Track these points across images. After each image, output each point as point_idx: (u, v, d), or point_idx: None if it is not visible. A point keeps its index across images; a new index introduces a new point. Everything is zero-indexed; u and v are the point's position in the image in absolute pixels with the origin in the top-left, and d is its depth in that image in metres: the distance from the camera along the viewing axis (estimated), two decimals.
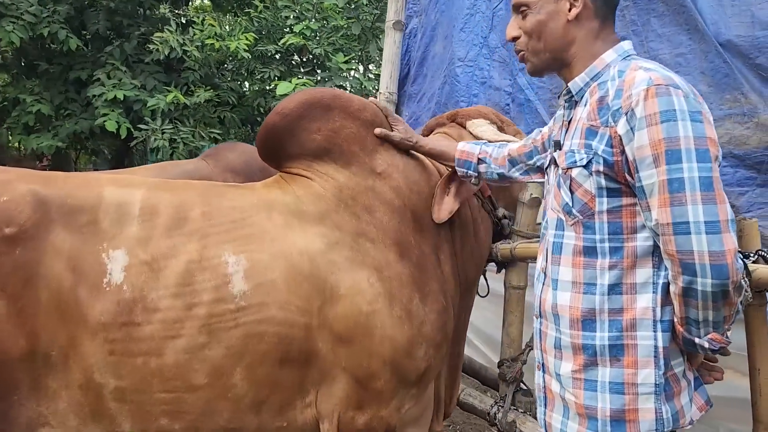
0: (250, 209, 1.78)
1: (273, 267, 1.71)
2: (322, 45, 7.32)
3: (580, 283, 1.41)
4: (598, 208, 1.39)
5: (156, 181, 1.82)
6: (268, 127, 1.92)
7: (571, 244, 1.44)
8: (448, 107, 4.31)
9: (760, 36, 2.48)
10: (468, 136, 2.24)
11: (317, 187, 1.87)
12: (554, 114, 3.54)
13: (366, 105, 1.99)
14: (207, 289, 1.63)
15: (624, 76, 1.36)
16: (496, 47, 3.95)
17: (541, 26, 1.48)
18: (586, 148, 1.39)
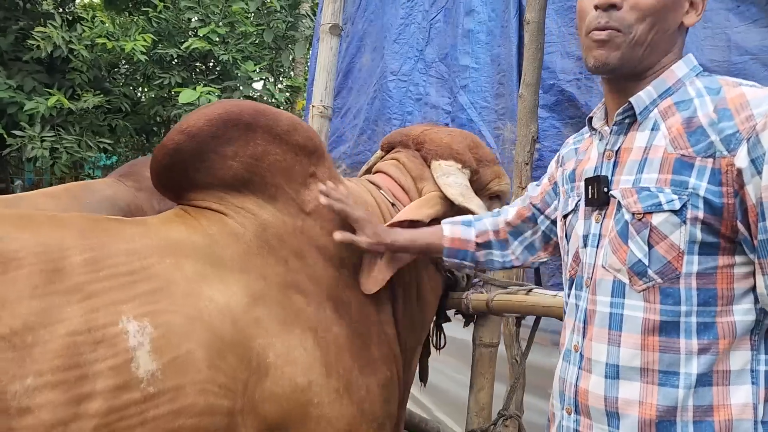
0: (151, 254, 1.32)
1: (188, 334, 1.27)
2: (230, 52, 6.76)
3: (655, 370, 1.07)
4: (686, 269, 1.05)
5: (12, 214, 1.29)
6: (169, 148, 1.46)
7: (639, 317, 1.09)
8: (379, 124, 3.95)
9: (737, 62, 2.29)
10: (429, 177, 1.84)
11: (234, 225, 1.45)
12: (500, 137, 3.29)
13: (297, 125, 1.57)
14: (102, 373, 1.16)
15: (723, 94, 1.06)
16: (433, 61, 3.64)
17: (663, 12, 1.11)
18: (676, 186, 1.06)
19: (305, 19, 7.39)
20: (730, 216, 1.03)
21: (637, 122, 1.16)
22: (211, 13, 7.06)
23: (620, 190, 1.14)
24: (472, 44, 3.37)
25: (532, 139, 2.74)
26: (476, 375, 1.96)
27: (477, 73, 3.35)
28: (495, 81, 3.27)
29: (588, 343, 1.15)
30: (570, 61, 2.92)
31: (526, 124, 2.73)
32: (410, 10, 3.78)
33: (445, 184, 1.79)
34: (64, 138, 6.58)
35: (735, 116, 1.03)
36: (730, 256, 1.05)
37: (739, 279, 1.05)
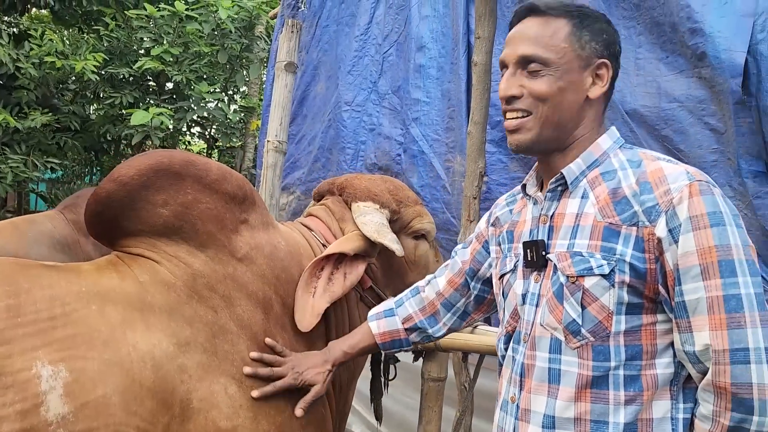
0: (75, 301, 1.36)
1: (105, 379, 1.31)
2: (183, 72, 6.73)
3: (587, 420, 1.15)
4: (615, 328, 1.15)
5: None
6: (101, 197, 1.51)
7: (574, 373, 1.17)
8: (333, 153, 4.02)
9: (666, 108, 2.46)
10: (349, 220, 1.91)
11: (165, 274, 1.49)
12: (450, 169, 3.41)
13: (227, 175, 1.63)
14: (8, 417, 1.19)
15: (643, 167, 1.18)
16: (386, 93, 3.74)
17: (561, 95, 1.21)
18: (605, 252, 1.15)
19: (260, 41, 7.42)
20: (653, 279, 1.13)
21: (568, 190, 1.26)
22: (164, 32, 7.01)
23: (556, 254, 1.23)
24: (424, 79, 3.49)
25: (480, 174, 2.87)
26: (424, 408, 2.04)
27: (428, 107, 3.46)
28: (445, 115, 3.39)
29: (525, 395, 1.23)
30: None
31: (474, 160, 2.86)
32: (364, 43, 3.89)
33: (362, 223, 1.87)
34: (9, 158, 6.42)
35: (655, 190, 1.13)
36: (653, 315, 1.15)
37: (661, 335, 1.15)
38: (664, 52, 2.49)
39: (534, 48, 1.22)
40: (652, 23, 2.51)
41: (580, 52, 1.23)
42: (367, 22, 3.89)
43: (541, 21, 1.25)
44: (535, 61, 1.22)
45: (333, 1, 4.18)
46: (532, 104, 1.22)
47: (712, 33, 2.26)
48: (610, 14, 2.68)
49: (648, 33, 2.54)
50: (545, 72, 1.21)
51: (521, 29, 1.26)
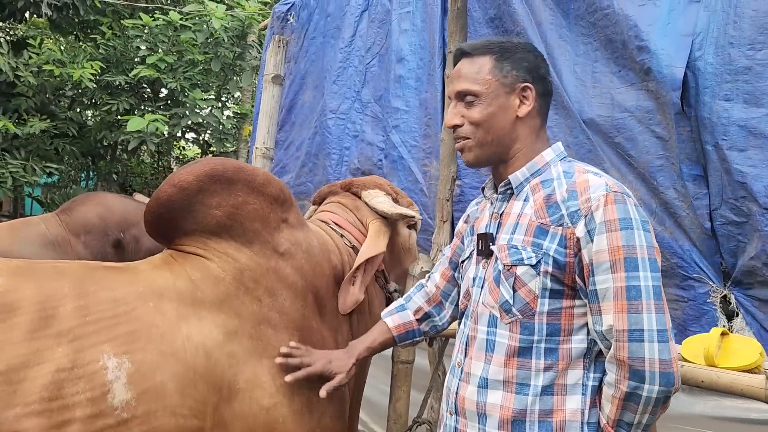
0: (134, 300, 1.54)
1: (162, 367, 1.50)
2: (178, 80, 6.95)
3: (513, 383, 1.38)
4: (539, 308, 1.37)
5: (17, 265, 1.51)
6: (162, 200, 1.69)
7: (504, 344, 1.40)
8: (319, 158, 4.24)
9: (618, 117, 2.69)
10: (363, 206, 2.16)
11: (215, 269, 1.68)
12: (427, 173, 3.63)
13: (271, 179, 1.83)
14: (80, 403, 1.38)
15: (574, 178, 1.39)
16: (369, 102, 3.96)
17: (491, 119, 1.45)
18: (534, 247, 1.38)
19: (252, 49, 7.64)
20: (571, 271, 1.35)
21: (514, 194, 1.48)
22: (159, 41, 7.23)
23: (498, 245, 1.45)
24: (403, 89, 3.71)
25: (452, 178, 3.09)
26: (394, 387, 2.26)
27: (407, 115, 3.69)
28: (423, 123, 3.62)
29: (468, 361, 1.46)
30: None
31: (447, 165, 3.08)
32: (348, 55, 4.11)
33: (378, 202, 2.12)
34: (9, 163, 6.62)
35: (579, 197, 1.35)
36: (571, 300, 1.37)
37: (577, 317, 1.37)
38: (617, 67, 2.72)
39: (466, 84, 1.46)
40: (606, 40, 2.75)
41: (503, 80, 1.45)
42: (351, 35, 4.11)
43: (469, 60, 1.49)
44: (469, 94, 1.45)
45: (320, 15, 4.41)
46: (470, 130, 1.46)
47: (656, 50, 2.50)
48: (570, 31, 2.92)
49: (603, 49, 2.77)
50: (477, 102, 1.45)
51: (457, 69, 1.51)
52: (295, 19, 4.66)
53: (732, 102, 2.30)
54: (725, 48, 2.33)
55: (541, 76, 1.49)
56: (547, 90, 1.51)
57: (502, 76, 1.45)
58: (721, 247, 2.45)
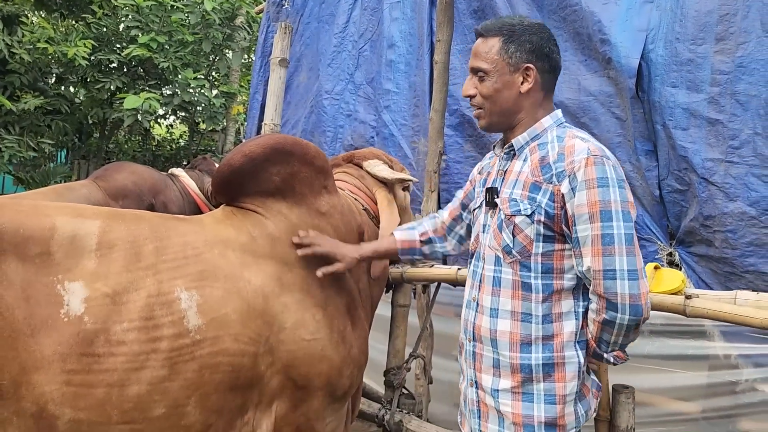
0: (202, 245, 1.88)
1: (226, 302, 1.83)
2: (169, 59, 7.19)
3: (519, 312, 1.62)
4: (534, 250, 1.61)
5: (109, 211, 1.86)
6: (234, 167, 2.03)
7: (509, 279, 1.64)
8: (315, 135, 4.60)
9: (584, 100, 3.11)
10: (367, 175, 2.54)
11: (271, 227, 2.02)
12: (415, 149, 4.03)
13: (319, 153, 2.18)
14: (166, 324, 1.71)
15: (564, 142, 1.61)
16: (361, 84, 4.33)
17: (497, 93, 1.68)
18: (529, 200, 1.61)
19: (241, 31, 7.90)
20: (559, 221, 1.58)
21: (516, 154, 1.72)
22: (150, 21, 7.44)
23: (501, 198, 1.69)
24: (394, 72, 4.09)
25: (439, 153, 3.50)
26: (393, 328, 2.66)
27: (397, 96, 4.07)
28: (412, 104, 4.00)
29: (481, 296, 1.70)
30: None
31: (434, 141, 3.48)
32: (342, 39, 4.46)
33: (378, 170, 2.51)
34: (5, 138, 6.82)
35: (565, 159, 1.56)
36: (562, 244, 1.60)
37: (567, 258, 1.61)
38: (583, 56, 3.14)
39: (478, 62, 1.70)
40: (574, 33, 3.16)
41: (509, 60, 1.67)
42: (344, 22, 4.46)
43: (483, 40, 1.72)
44: (480, 71, 1.70)
45: (314, 1, 4.74)
46: (482, 101, 1.71)
47: (616, 43, 2.92)
48: None
49: (572, 40, 3.18)
50: (486, 78, 1.69)
51: (474, 47, 1.74)
52: (290, 4, 4.98)
53: (677, 88, 2.73)
54: (672, 42, 2.76)
55: (545, 54, 1.68)
56: (553, 66, 1.71)
57: (508, 56, 1.67)
58: (668, 211, 2.90)
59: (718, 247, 2.63)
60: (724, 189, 2.58)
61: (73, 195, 2.77)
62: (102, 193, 2.85)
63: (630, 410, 1.92)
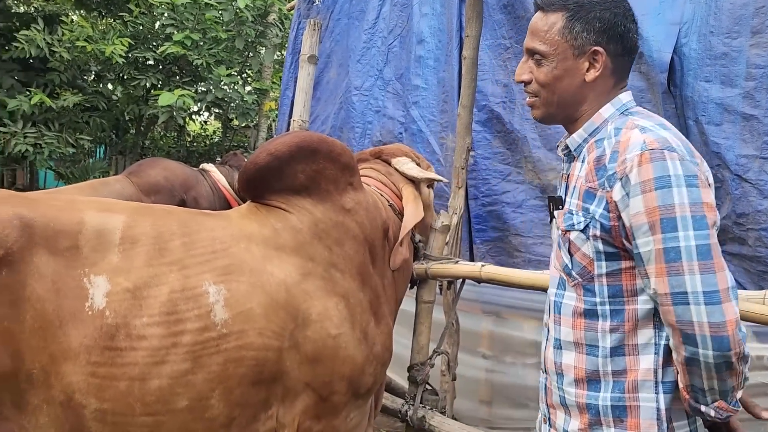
0: (229, 240, 1.91)
1: (251, 296, 1.85)
2: (203, 56, 7.31)
3: (582, 344, 1.38)
4: (597, 271, 1.34)
5: (136, 207, 1.91)
6: (260, 165, 2.07)
7: (571, 305, 1.40)
8: (344, 131, 4.62)
9: None
10: (394, 172, 2.54)
11: (294, 221, 2.04)
12: (443, 145, 4.01)
13: (345, 150, 2.21)
14: (190, 318, 1.75)
15: (620, 136, 1.32)
16: (390, 80, 4.33)
17: (556, 82, 1.40)
18: (584, 211, 1.35)
19: (273, 27, 7.98)
20: (617, 234, 1.29)
21: (576, 156, 1.44)
22: (185, 19, 7.57)
23: (558, 212, 1.44)
24: (422, 68, 4.08)
25: (467, 148, 3.48)
26: (417, 324, 2.67)
27: (426, 92, 4.06)
28: (440, 99, 3.99)
29: (549, 322, 1.48)
30: (498, 87, 3.67)
31: (462, 137, 3.47)
32: (371, 36, 4.47)
33: (407, 169, 2.51)
34: (45, 134, 7.03)
35: (617, 159, 1.28)
36: (630, 261, 1.30)
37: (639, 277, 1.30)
38: None
39: (535, 42, 1.42)
40: None
41: (573, 42, 1.37)
42: (374, 18, 4.47)
43: (542, 15, 1.43)
44: (537, 53, 1.41)
45: None
46: (537, 88, 1.43)
47: (648, 37, 2.86)
48: None
49: None
50: (544, 62, 1.40)
51: (531, 23, 1.45)
52: (320, 1, 5.01)
53: (711, 83, 2.67)
54: (706, 36, 2.69)
55: (618, 35, 1.39)
56: (627, 48, 1.42)
57: (572, 37, 1.38)
58: None
59: (752, 245, 2.57)
60: (759, 186, 2.52)
61: (107, 190, 2.85)
62: (135, 188, 2.92)
63: None
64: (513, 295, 3.67)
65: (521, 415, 3.66)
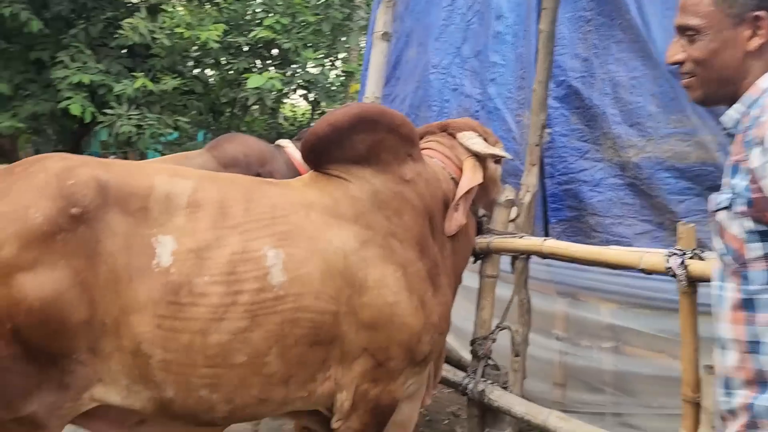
0: (289, 207, 1.99)
1: (309, 261, 1.92)
2: (292, 40, 7.52)
3: (743, 341, 1.21)
4: (748, 254, 1.19)
5: (203, 173, 2.03)
6: (320, 135, 2.14)
7: (729, 297, 1.24)
8: (421, 110, 4.63)
9: None
10: (459, 146, 2.52)
11: (354, 190, 2.09)
12: (520, 123, 3.94)
13: (405, 122, 2.24)
14: (249, 279, 1.84)
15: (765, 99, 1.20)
16: (468, 57, 4.28)
17: (714, 56, 1.27)
18: (730, 187, 1.22)
19: (360, 9, 8.08)
20: (761, 208, 1.14)
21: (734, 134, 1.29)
22: (275, 4, 7.81)
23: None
24: (500, 44, 4.01)
25: (542, 125, 3.40)
26: (481, 298, 2.66)
27: (503, 69, 3.99)
28: (518, 76, 3.91)
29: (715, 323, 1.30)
30: (577, 61, 3.55)
31: (537, 113, 3.39)
32: (450, 13, 4.43)
33: (472, 143, 2.47)
34: (147, 116, 7.49)
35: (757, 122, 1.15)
36: None
37: None
38: None
39: (685, 17, 1.30)
40: None
41: (728, 11, 1.25)
42: None
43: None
44: (688, 29, 1.29)
45: None
46: (693, 67, 1.30)
47: None
48: None
49: None
50: (698, 37, 1.27)
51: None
52: None
53: None
54: None
55: None
56: None
57: (728, 6, 1.26)
58: None
59: None
60: None
61: (190, 163, 3.01)
62: (215, 162, 3.07)
63: None
64: (590, 277, 3.56)
65: (596, 399, 3.57)
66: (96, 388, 1.77)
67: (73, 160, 1.83)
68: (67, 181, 1.73)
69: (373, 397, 2.08)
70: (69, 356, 1.70)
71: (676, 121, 3.01)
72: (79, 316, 1.69)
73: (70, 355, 1.71)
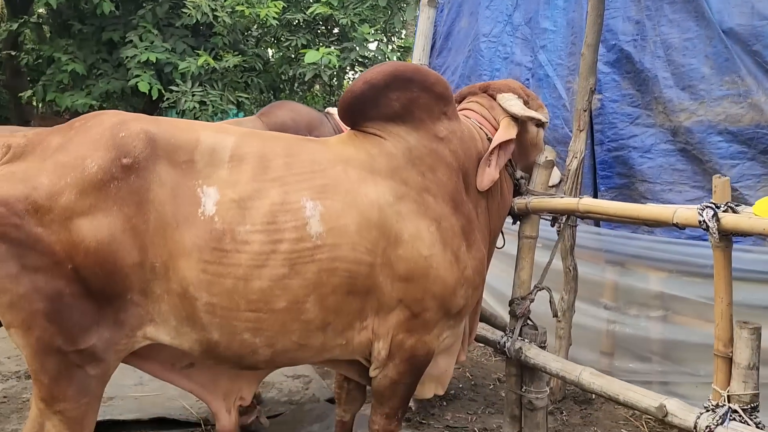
0: (327, 163, 2.08)
1: (345, 213, 2.01)
2: (348, 16, 7.59)
3: None
4: None
5: (245, 130, 2.14)
6: (356, 93, 2.20)
7: None
8: (471, 80, 4.61)
9: (758, 25, 2.78)
10: (497, 107, 2.54)
11: (389, 147, 2.16)
12: (570, 89, 3.88)
13: (439, 80, 2.28)
14: (288, 229, 1.94)
15: None
16: (519, 25, 4.24)
17: None
18: None
19: None
20: None
21: None
22: None
23: None
24: (552, 9, 3.95)
25: (590, 90, 3.36)
26: (519, 259, 2.68)
27: (554, 35, 3.94)
28: (569, 42, 3.85)
29: None
30: (629, 24, 3.46)
31: (585, 78, 3.35)
32: None
33: (510, 105, 2.49)
34: (209, 93, 7.75)
35: None
36: None
37: None
38: None
39: None
40: None
41: None
42: None
43: None
44: None
45: None
46: None
47: None
48: None
49: None
50: None
51: None
52: None
53: None
54: None
55: None
56: None
57: None
58: None
59: None
60: None
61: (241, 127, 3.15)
62: (265, 127, 3.20)
63: (754, 348, 1.76)
64: (639, 245, 3.52)
65: (643, 368, 3.54)
66: (148, 327, 1.91)
67: (126, 115, 1.97)
68: (120, 134, 1.86)
69: (409, 347, 2.16)
70: (123, 296, 1.85)
71: (729, 82, 2.91)
72: (131, 259, 1.83)
73: (125, 296, 1.85)
